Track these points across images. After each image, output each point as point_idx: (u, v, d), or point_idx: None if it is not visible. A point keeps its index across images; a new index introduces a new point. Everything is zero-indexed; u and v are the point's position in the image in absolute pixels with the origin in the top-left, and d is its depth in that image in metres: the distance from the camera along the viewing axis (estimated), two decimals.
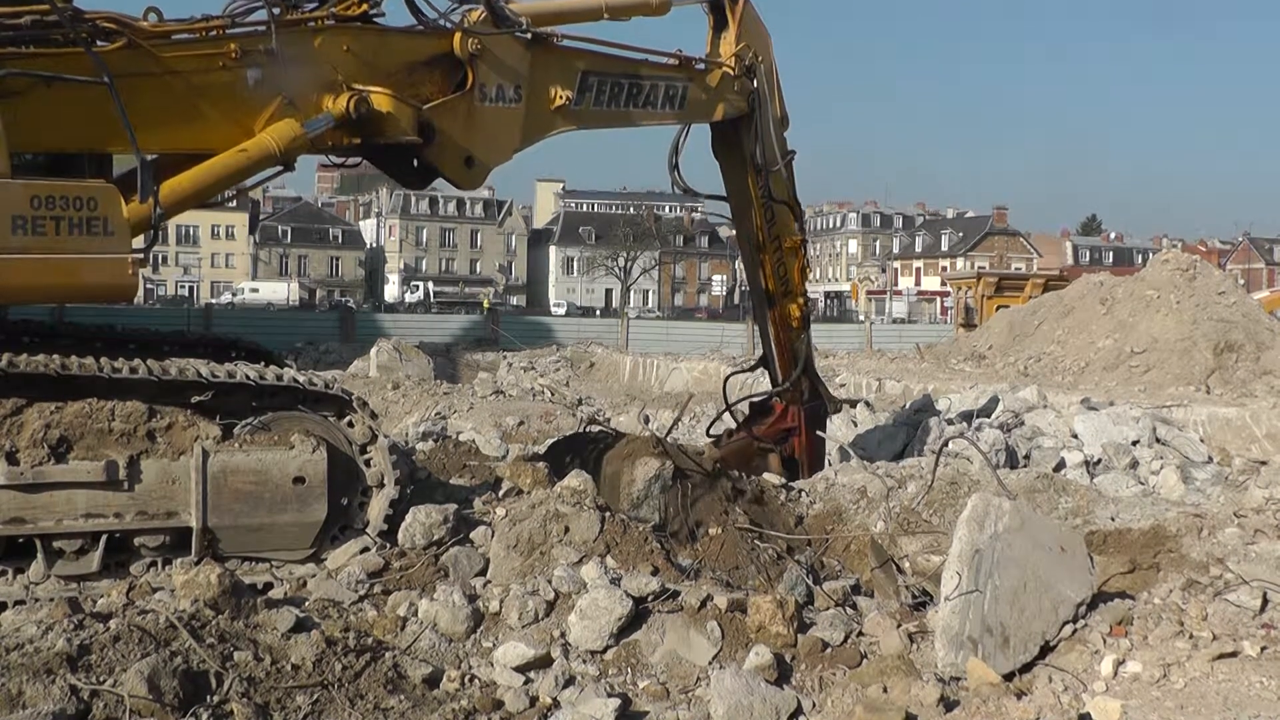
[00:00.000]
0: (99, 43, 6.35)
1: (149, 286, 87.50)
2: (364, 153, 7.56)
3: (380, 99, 7.09)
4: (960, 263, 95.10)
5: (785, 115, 9.86)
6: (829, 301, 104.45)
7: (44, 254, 6.00)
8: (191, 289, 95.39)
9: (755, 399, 10.63)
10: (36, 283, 6.11)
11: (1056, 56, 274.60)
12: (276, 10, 6.78)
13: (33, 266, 6.01)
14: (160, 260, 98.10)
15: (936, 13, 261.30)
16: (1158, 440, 12.06)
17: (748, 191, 9.62)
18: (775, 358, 10.19)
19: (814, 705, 5.14)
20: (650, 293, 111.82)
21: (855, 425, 13.09)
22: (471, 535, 6.67)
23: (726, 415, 10.79)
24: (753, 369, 11.10)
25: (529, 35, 7.84)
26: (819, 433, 10.43)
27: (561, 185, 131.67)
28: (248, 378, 6.39)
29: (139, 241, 6.39)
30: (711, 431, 10.90)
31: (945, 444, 9.86)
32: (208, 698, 4.48)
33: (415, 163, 7.75)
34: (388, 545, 6.52)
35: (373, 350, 22.62)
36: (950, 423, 12.84)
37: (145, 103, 6.39)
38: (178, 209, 6.64)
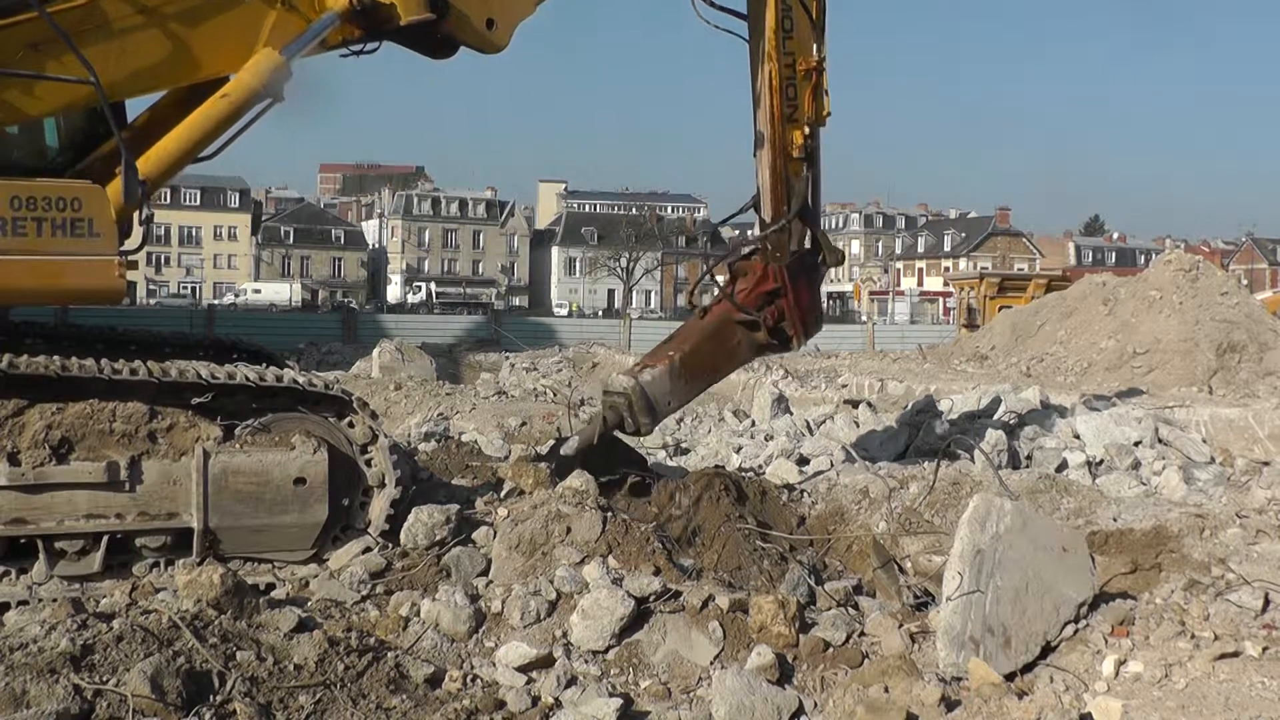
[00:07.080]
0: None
1: (151, 287, 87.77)
2: (381, 37, 7.14)
3: None
4: (963, 263, 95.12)
5: None
6: (831, 302, 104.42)
7: (24, 256, 5.92)
8: (194, 290, 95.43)
9: (736, 259, 8.93)
10: (17, 286, 6.04)
11: (1059, 56, 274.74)
12: None
13: (12, 269, 5.93)
14: (163, 261, 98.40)
15: (938, 11, 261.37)
16: (1160, 441, 12.03)
17: None
18: (766, 190, 8.36)
19: (815, 705, 5.15)
20: (653, 293, 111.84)
21: (858, 426, 13.08)
22: (474, 535, 6.67)
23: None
24: (740, 212, 9.18)
25: None
26: (812, 287, 8.86)
27: (564, 186, 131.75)
28: (248, 379, 6.39)
29: (132, 242, 6.30)
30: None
31: (947, 445, 9.85)
32: (210, 697, 4.50)
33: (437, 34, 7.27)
34: (390, 545, 6.52)
35: (375, 351, 22.57)
36: (952, 423, 12.83)
37: (150, 40, 6.25)
38: (168, 175, 6.45)
